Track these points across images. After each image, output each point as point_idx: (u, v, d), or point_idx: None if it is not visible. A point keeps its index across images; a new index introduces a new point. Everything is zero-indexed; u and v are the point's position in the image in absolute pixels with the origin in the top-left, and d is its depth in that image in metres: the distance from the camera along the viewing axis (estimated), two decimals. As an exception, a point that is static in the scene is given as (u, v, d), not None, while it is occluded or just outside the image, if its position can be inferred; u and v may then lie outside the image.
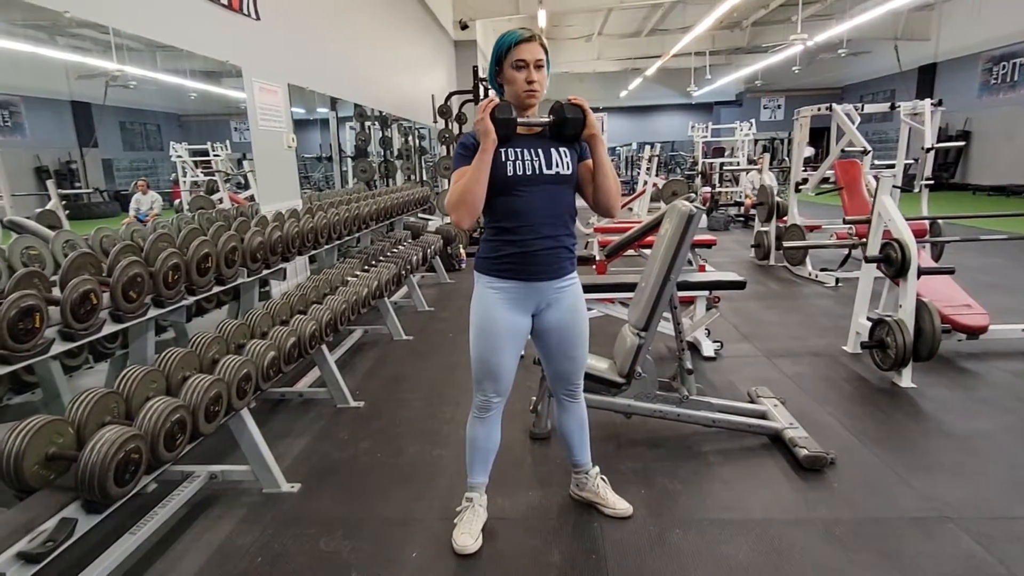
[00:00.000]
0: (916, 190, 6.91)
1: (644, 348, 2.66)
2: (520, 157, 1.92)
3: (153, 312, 2.27)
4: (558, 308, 2.06)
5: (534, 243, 1.95)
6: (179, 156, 3.99)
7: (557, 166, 1.95)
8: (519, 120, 1.91)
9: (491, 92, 1.90)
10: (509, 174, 1.91)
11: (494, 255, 2.00)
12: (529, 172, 1.92)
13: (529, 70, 1.91)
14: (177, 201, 4.03)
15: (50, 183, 2.89)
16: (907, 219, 3.61)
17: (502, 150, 1.90)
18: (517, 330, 2.04)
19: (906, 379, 3.41)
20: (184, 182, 4.09)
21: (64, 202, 2.93)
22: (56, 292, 1.91)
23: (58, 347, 1.85)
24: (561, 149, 1.97)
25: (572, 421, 2.29)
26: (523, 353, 2.21)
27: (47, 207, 2.83)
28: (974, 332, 3.74)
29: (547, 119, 1.96)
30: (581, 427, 2.30)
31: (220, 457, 2.77)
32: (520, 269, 1.98)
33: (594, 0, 12.89)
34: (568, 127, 1.94)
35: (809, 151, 9.81)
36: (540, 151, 1.95)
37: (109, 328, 2.04)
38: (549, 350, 2.15)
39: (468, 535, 2.14)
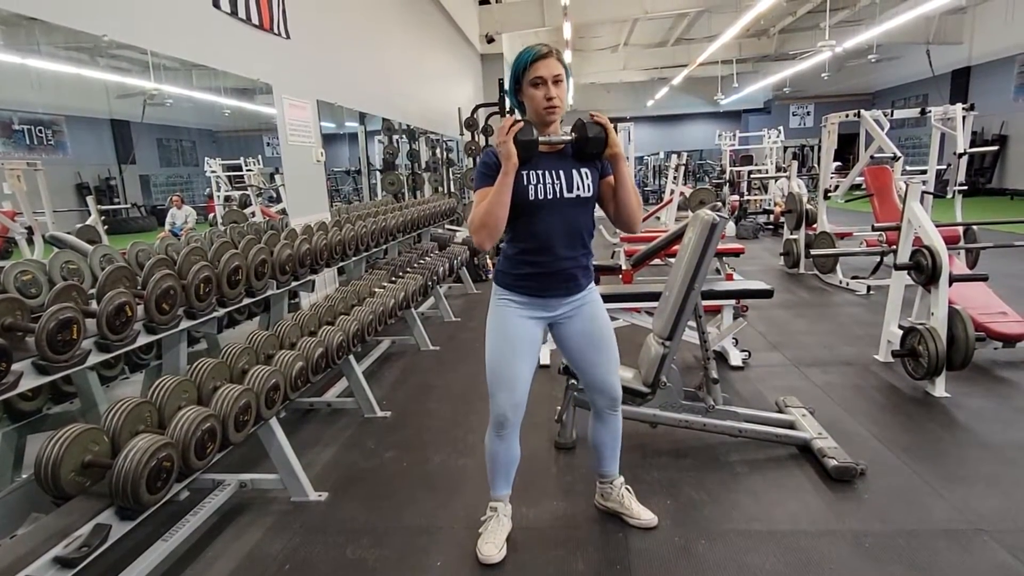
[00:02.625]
0: (949, 196, 6.77)
1: (669, 357, 2.65)
2: (542, 180, 1.93)
3: (185, 324, 2.33)
4: (578, 318, 2.09)
5: (553, 264, 2.00)
6: (213, 171, 4.09)
7: (578, 189, 1.96)
8: (541, 139, 1.90)
9: (515, 114, 1.89)
10: (531, 198, 1.92)
11: (513, 272, 2.04)
12: (550, 196, 1.94)
13: (547, 86, 1.90)
14: (211, 215, 4.12)
15: (90, 199, 2.98)
16: (939, 225, 3.54)
17: (524, 172, 1.91)
18: (532, 339, 2.07)
19: (939, 388, 3.34)
20: (218, 196, 4.18)
21: (103, 217, 3.02)
22: (93, 305, 1.98)
23: (94, 358, 1.91)
24: (583, 170, 1.97)
25: (607, 433, 2.28)
26: (547, 363, 2.21)
27: (87, 222, 2.92)
28: (1010, 340, 3.65)
29: (569, 137, 1.95)
30: (614, 439, 2.30)
31: (250, 466, 2.83)
32: (538, 287, 2.03)
33: (619, 11, 12.90)
34: (590, 146, 1.93)
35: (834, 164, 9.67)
36: (562, 173, 1.95)
37: (143, 339, 2.11)
38: (575, 359, 2.17)
39: (492, 544, 2.15)
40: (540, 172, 1.93)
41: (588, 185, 1.97)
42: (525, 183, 1.91)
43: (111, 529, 1.73)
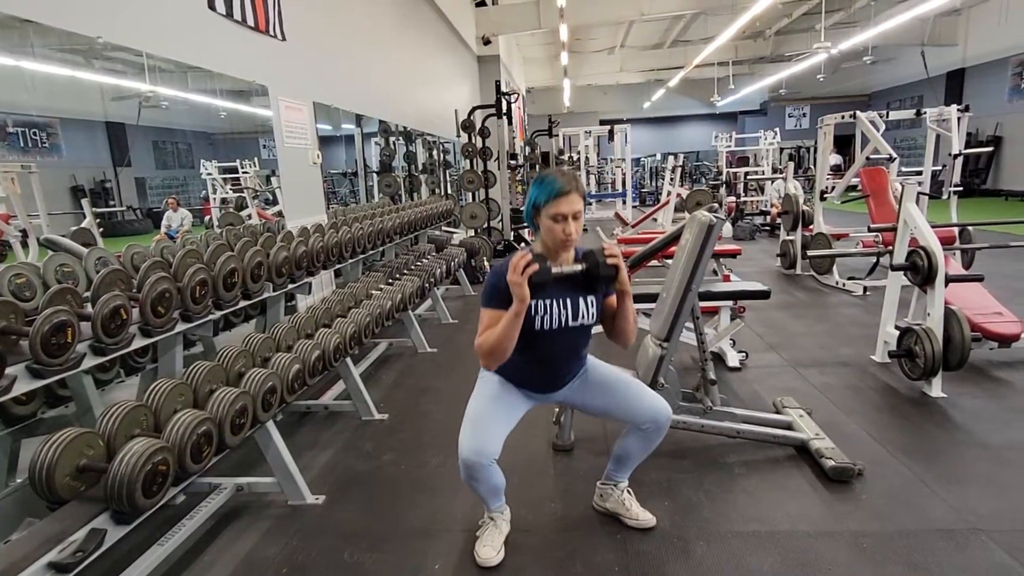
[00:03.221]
0: (945, 197, 6.79)
1: (666, 359, 2.65)
2: (548, 311, 1.99)
3: (181, 327, 2.32)
4: (579, 386, 2.21)
5: (551, 372, 2.15)
6: (209, 174, 4.08)
7: (582, 317, 2.03)
8: (553, 271, 1.91)
9: (525, 253, 1.87)
10: (537, 328, 1.99)
11: (512, 375, 2.14)
12: (556, 326, 2.01)
13: (567, 222, 1.93)
14: (208, 218, 4.11)
15: (85, 202, 2.97)
16: (935, 226, 3.55)
17: (532, 301, 1.92)
18: (518, 404, 2.16)
19: (936, 389, 3.34)
20: (214, 199, 4.17)
21: (98, 220, 3.01)
22: (88, 308, 1.97)
23: (89, 361, 1.90)
24: (589, 298, 2.04)
25: (643, 448, 2.25)
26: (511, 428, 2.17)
27: (82, 225, 2.90)
28: (1006, 340, 3.65)
29: (580, 267, 1.97)
30: (646, 453, 2.28)
31: (246, 469, 2.82)
32: (535, 386, 2.17)
33: (616, 13, 12.92)
34: (600, 282, 2.00)
35: (836, 159, 9.69)
36: (568, 302, 2.01)
37: (138, 342, 2.10)
38: (606, 411, 2.22)
39: (491, 547, 2.14)
40: (547, 302, 1.98)
41: (593, 313, 2.05)
42: (532, 313, 1.96)
43: (106, 534, 1.72)
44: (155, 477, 1.77)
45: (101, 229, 3.03)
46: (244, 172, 4.31)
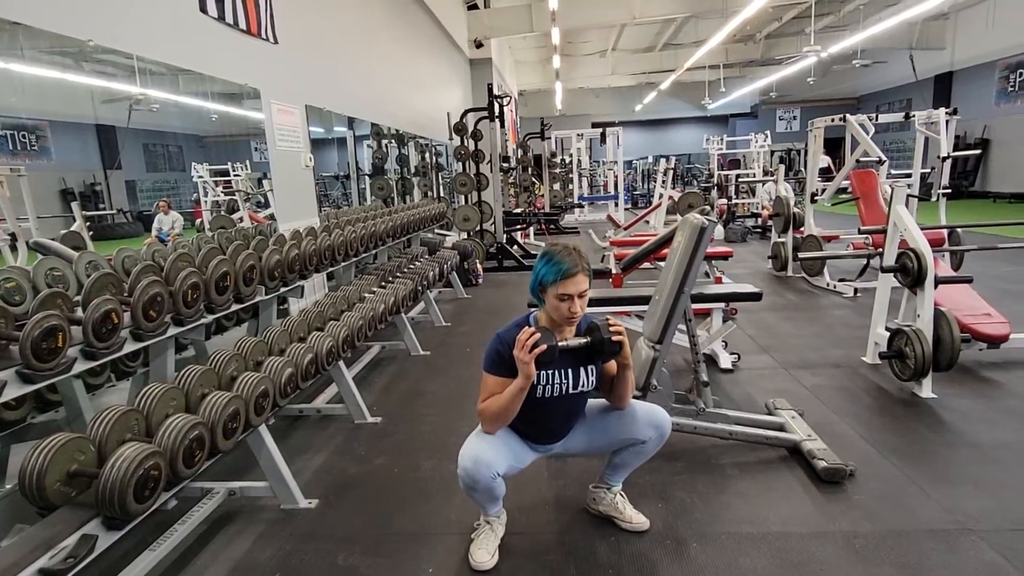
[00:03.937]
0: (934, 199, 6.84)
1: (659, 361, 2.66)
2: (550, 381, 2.05)
3: (173, 330, 2.31)
4: (577, 432, 2.25)
5: (549, 431, 2.20)
6: (200, 176, 4.06)
7: (583, 386, 2.10)
8: (560, 346, 1.96)
9: (531, 329, 1.91)
10: (538, 396, 2.04)
11: (512, 426, 2.13)
12: (557, 394, 2.06)
13: (572, 301, 1.97)
14: (199, 221, 4.09)
15: (75, 205, 2.95)
16: (924, 228, 3.58)
17: (535, 373, 1.96)
18: (523, 449, 2.18)
19: (926, 389, 3.37)
20: (205, 202, 4.15)
21: (88, 223, 2.99)
22: (79, 312, 1.95)
23: (80, 366, 1.89)
24: (590, 367, 2.10)
25: (640, 458, 2.29)
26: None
27: (72, 228, 2.88)
28: (994, 341, 3.68)
29: (585, 341, 2.02)
30: (641, 462, 2.32)
31: (239, 474, 2.80)
32: (533, 439, 2.21)
33: (607, 16, 12.95)
34: (604, 356, 2.06)
35: (824, 161, 9.74)
36: (570, 372, 2.07)
37: (130, 347, 2.09)
38: (609, 443, 2.26)
39: (485, 551, 2.14)
40: (549, 373, 2.04)
41: (592, 381, 2.12)
42: (535, 383, 2.00)
43: (98, 539, 1.71)
44: (147, 482, 1.76)
45: (91, 232, 3.01)
46: (236, 175, 4.29)
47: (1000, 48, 15.00)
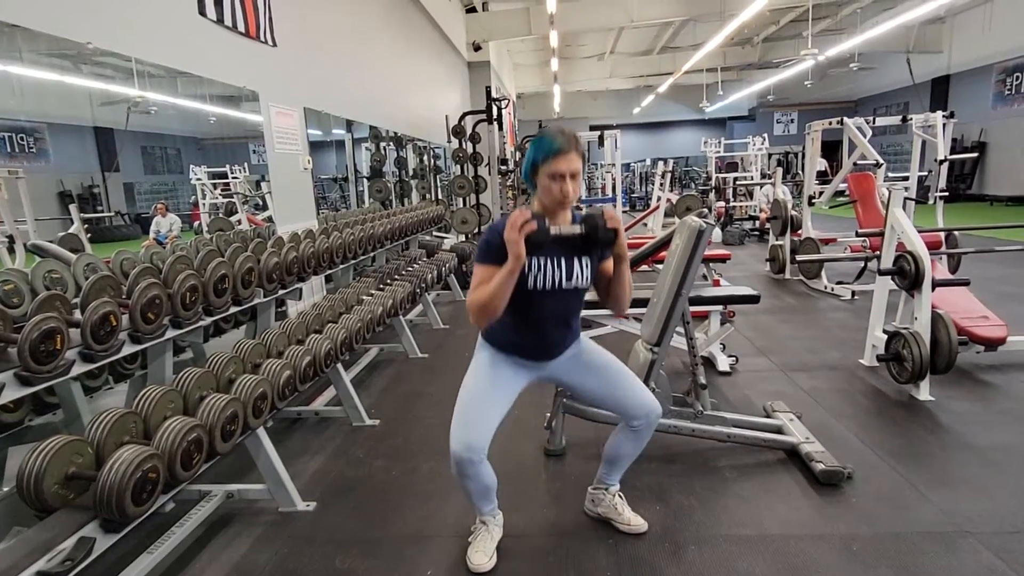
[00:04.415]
0: (931, 202, 6.86)
1: (657, 363, 2.66)
2: (543, 269, 1.95)
3: (171, 333, 2.31)
4: (574, 364, 2.16)
5: (541, 339, 2.08)
6: (199, 179, 4.06)
7: (576, 280, 1.99)
8: (552, 232, 1.87)
9: (523, 210, 1.84)
10: (529, 287, 1.95)
11: (503, 338, 2.10)
12: (549, 286, 1.96)
13: (564, 181, 1.91)
14: (197, 223, 4.09)
15: (73, 207, 2.95)
16: (922, 231, 3.58)
17: (526, 259, 1.88)
18: (510, 386, 2.11)
19: (924, 392, 3.37)
20: (203, 204, 4.15)
21: (86, 226, 2.99)
22: (77, 314, 1.95)
23: (78, 368, 1.89)
24: (584, 259, 2.00)
25: (633, 446, 2.25)
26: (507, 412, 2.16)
27: (70, 231, 2.88)
28: (992, 344, 3.69)
29: (579, 231, 1.92)
30: (636, 452, 2.28)
31: (237, 476, 2.80)
32: (526, 353, 2.10)
33: (606, 20, 12.97)
34: (599, 245, 1.95)
35: (821, 164, 9.77)
36: (563, 262, 1.97)
37: (128, 349, 2.08)
38: (596, 396, 2.20)
39: (482, 553, 2.14)
40: (541, 261, 1.94)
41: (587, 276, 2.01)
42: (526, 271, 1.92)
43: (95, 542, 1.71)
44: (145, 485, 1.76)
45: (89, 235, 3.01)
46: (234, 177, 4.29)
47: (997, 52, 15.05)
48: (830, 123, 6.82)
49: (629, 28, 14.85)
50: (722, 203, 11.36)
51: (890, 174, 7.01)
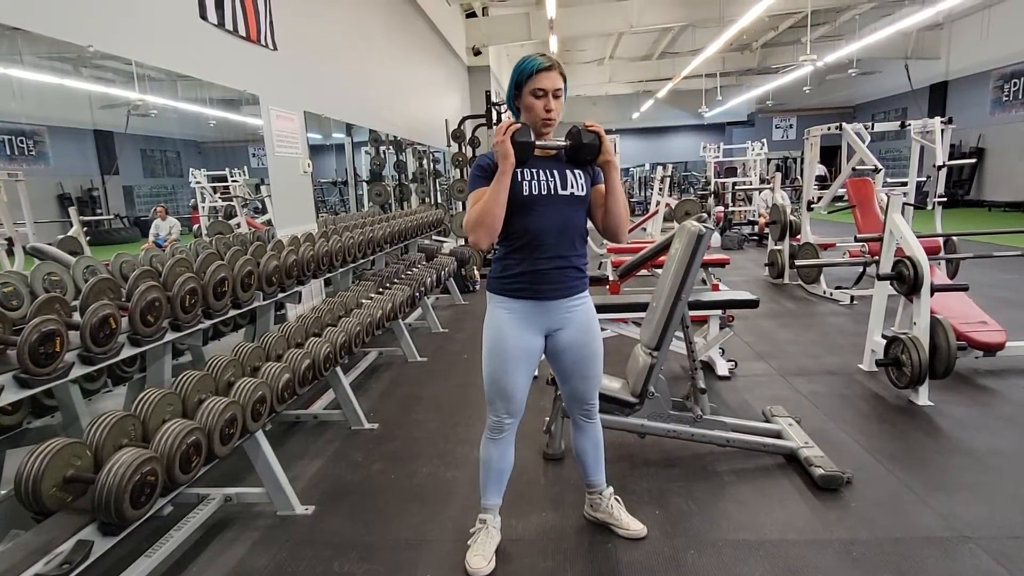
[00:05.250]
0: (929, 207, 6.87)
1: (656, 367, 2.66)
2: (536, 177, 1.97)
3: (170, 336, 2.31)
4: (571, 327, 2.08)
5: (544, 262, 1.99)
6: (198, 182, 4.06)
7: (572, 187, 1.99)
8: (537, 143, 1.94)
9: (508, 115, 1.94)
10: (525, 193, 1.95)
11: (505, 275, 2.04)
12: (544, 192, 1.97)
13: (548, 99, 1.95)
14: (196, 226, 4.09)
15: (72, 210, 2.94)
16: (920, 236, 3.59)
17: (519, 170, 1.94)
18: (529, 350, 2.06)
19: (923, 397, 3.37)
20: (203, 208, 4.15)
21: (85, 228, 2.99)
22: (76, 317, 1.95)
23: (78, 371, 1.88)
24: (576, 171, 2.02)
25: (587, 441, 2.29)
26: (536, 374, 2.20)
27: (69, 233, 2.88)
28: (991, 349, 3.70)
29: (564, 143, 1.99)
30: (596, 447, 2.31)
31: (235, 479, 2.79)
32: (530, 288, 2.01)
33: (605, 25, 13.01)
34: (584, 152, 1.99)
35: (820, 169, 9.78)
36: (556, 172, 2.00)
37: (127, 352, 2.08)
38: (564, 370, 2.16)
39: (481, 557, 2.13)
40: (535, 170, 1.98)
41: (582, 185, 2.01)
42: (519, 179, 1.95)
43: (93, 545, 1.70)
44: (143, 488, 1.75)
45: (88, 238, 3.00)
46: (233, 181, 4.29)
47: (995, 58, 15.10)
48: (829, 128, 6.83)
49: (629, 33, 14.88)
50: (721, 208, 11.38)
51: (889, 179, 7.03)
